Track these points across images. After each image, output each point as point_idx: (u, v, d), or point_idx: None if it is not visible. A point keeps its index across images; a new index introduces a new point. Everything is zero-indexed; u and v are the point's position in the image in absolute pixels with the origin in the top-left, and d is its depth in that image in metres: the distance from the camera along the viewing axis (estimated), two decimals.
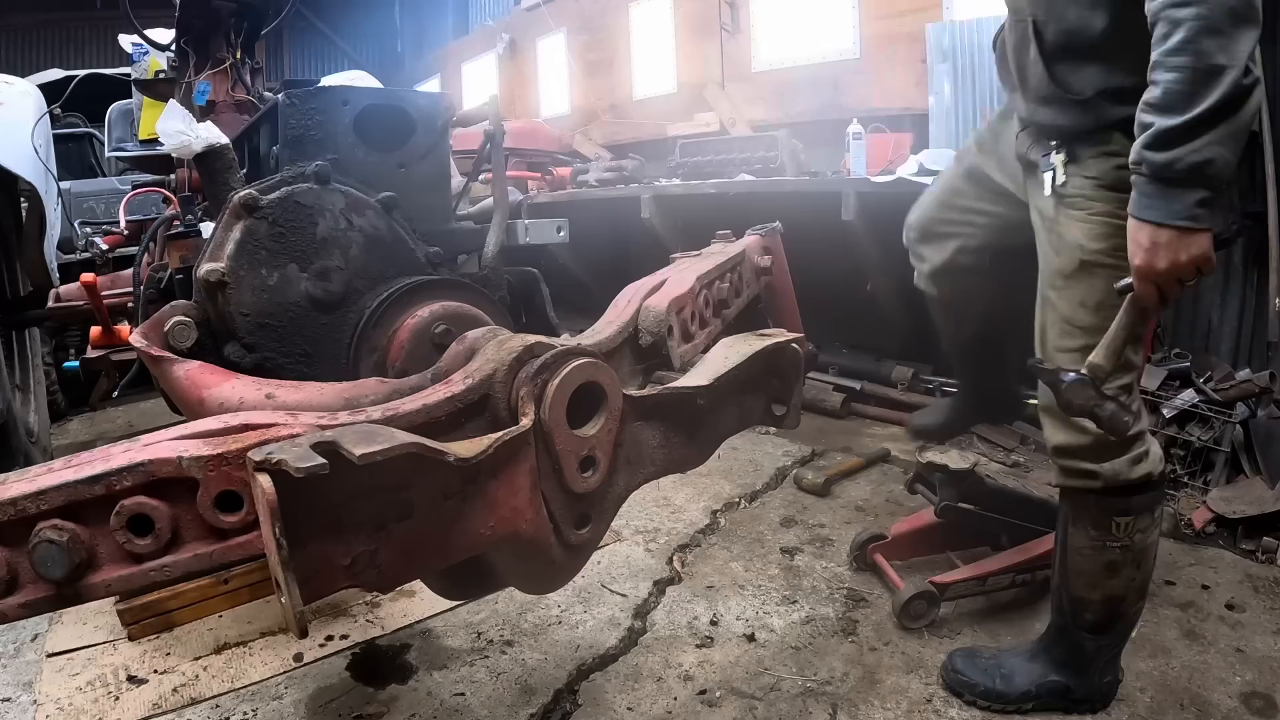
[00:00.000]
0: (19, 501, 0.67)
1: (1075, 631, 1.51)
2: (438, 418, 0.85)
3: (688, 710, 1.59)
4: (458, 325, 1.27)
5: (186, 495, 0.72)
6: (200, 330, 1.26)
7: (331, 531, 0.72)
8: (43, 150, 2.84)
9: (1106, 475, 1.37)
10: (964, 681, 1.58)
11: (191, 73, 2.46)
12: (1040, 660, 1.56)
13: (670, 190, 4.31)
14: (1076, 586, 1.49)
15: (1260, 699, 1.57)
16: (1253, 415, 2.60)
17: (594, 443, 0.91)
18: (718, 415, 1.08)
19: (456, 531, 0.81)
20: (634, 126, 6.30)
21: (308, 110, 1.48)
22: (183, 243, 1.55)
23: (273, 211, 1.29)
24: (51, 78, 5.73)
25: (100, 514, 0.70)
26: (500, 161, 1.73)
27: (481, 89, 8.33)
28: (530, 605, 1.95)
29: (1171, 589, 1.99)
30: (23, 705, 1.66)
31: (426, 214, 1.59)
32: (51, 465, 0.73)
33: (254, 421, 0.78)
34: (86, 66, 6.50)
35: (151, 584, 0.74)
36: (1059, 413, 1.33)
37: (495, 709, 1.61)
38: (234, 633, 1.87)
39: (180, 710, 1.61)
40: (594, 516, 0.96)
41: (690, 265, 1.45)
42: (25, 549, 0.68)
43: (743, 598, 2.00)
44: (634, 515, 2.46)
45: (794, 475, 2.80)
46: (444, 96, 1.67)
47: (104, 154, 5.17)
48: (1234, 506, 2.30)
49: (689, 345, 1.21)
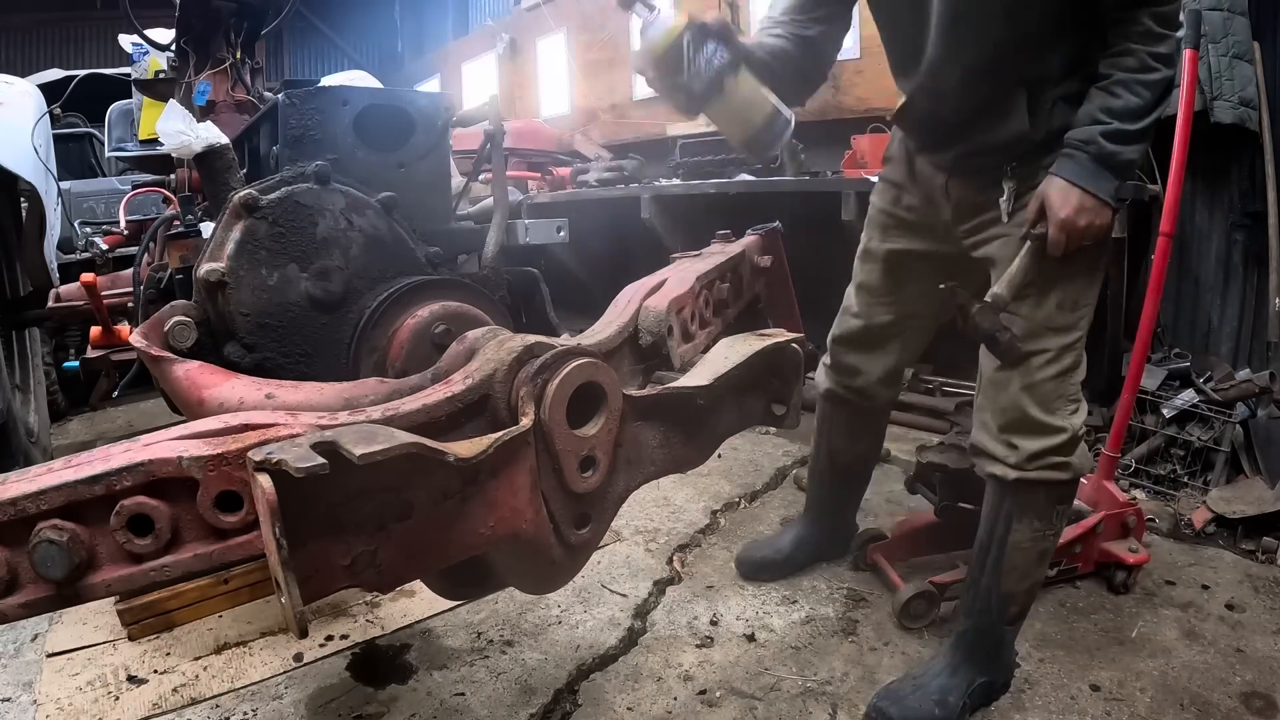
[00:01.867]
0: (19, 501, 0.67)
1: (999, 627, 1.54)
2: (438, 418, 0.85)
3: (688, 710, 1.59)
4: (458, 325, 1.27)
5: (186, 495, 0.72)
6: (200, 330, 1.26)
7: (331, 531, 0.72)
8: (43, 150, 2.84)
9: (1076, 466, 1.45)
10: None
11: (191, 73, 2.46)
12: (964, 669, 1.54)
13: (670, 190, 4.31)
14: (1010, 582, 1.51)
15: (1260, 699, 1.57)
16: (1253, 415, 2.60)
17: (594, 443, 0.91)
18: (718, 415, 1.08)
19: (456, 531, 0.81)
20: (634, 126, 6.30)
21: (308, 110, 1.48)
22: (183, 243, 1.55)
23: (273, 211, 1.29)
24: (51, 78, 5.73)
25: (100, 514, 0.70)
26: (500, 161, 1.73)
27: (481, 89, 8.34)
28: (530, 605, 1.95)
29: (1171, 589, 1.99)
30: (23, 705, 1.65)
31: (426, 214, 1.58)
32: (51, 465, 0.73)
33: (254, 421, 0.78)
34: (86, 66, 6.50)
35: (152, 584, 0.74)
36: (1029, 421, 1.43)
37: (495, 709, 1.60)
38: (234, 633, 1.87)
39: (180, 710, 1.61)
40: (594, 516, 0.96)
41: (690, 265, 1.45)
42: (25, 549, 0.68)
43: (743, 598, 2.00)
44: (634, 515, 2.46)
45: (794, 475, 2.80)
46: (444, 96, 1.67)
47: (104, 154, 5.17)
48: (1234, 506, 2.30)
49: (689, 345, 1.21)
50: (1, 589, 0.68)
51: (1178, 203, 2.12)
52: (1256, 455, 2.51)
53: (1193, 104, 2.18)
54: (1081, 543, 1.94)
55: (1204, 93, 2.75)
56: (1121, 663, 1.68)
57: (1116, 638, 1.78)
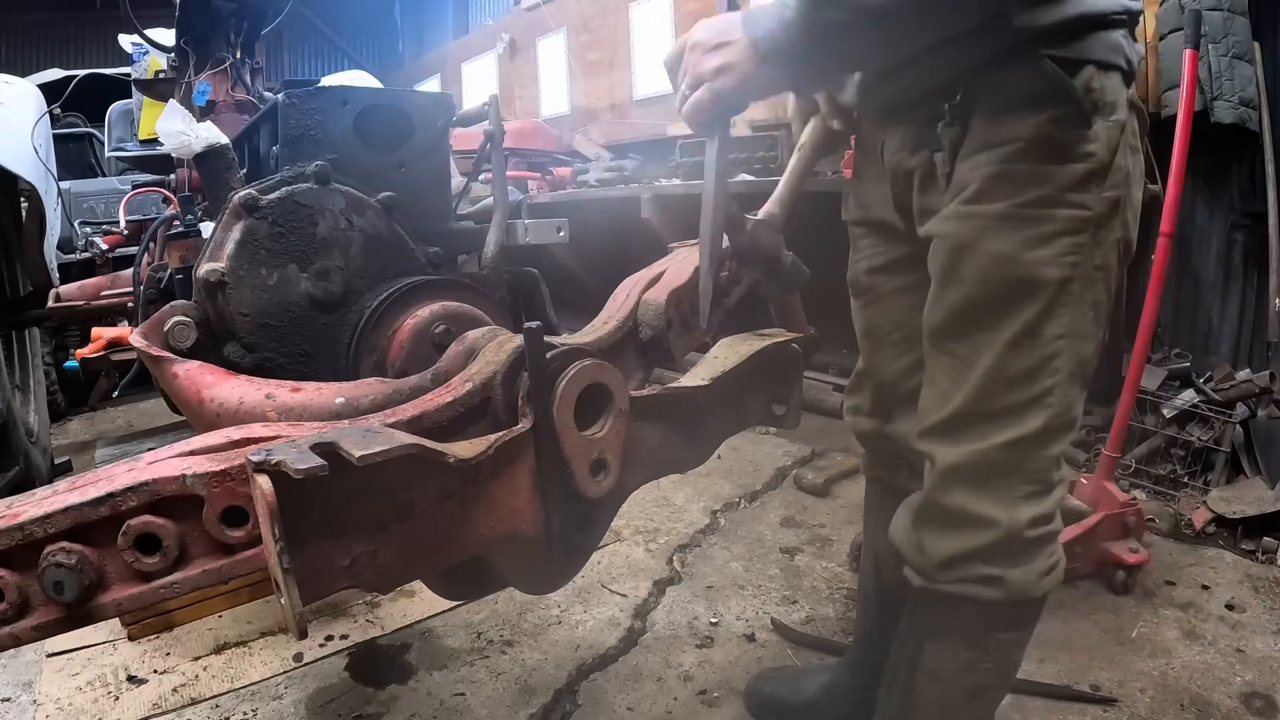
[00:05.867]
0: (26, 526, 0.68)
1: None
2: (440, 423, 0.85)
3: (688, 710, 1.59)
4: (458, 325, 1.27)
5: (192, 512, 0.73)
6: (200, 330, 1.26)
7: (331, 532, 0.72)
8: (43, 150, 2.85)
9: (1013, 585, 0.98)
10: None
11: (191, 73, 2.46)
12: None
13: (670, 190, 4.31)
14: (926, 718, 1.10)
15: (1260, 699, 1.57)
16: (1253, 415, 2.60)
17: (604, 445, 0.90)
18: (717, 415, 1.08)
19: (456, 532, 0.81)
20: (634, 126, 6.30)
21: (308, 110, 1.47)
22: (183, 243, 1.55)
23: (273, 211, 1.29)
24: (51, 78, 5.74)
25: (108, 535, 0.71)
26: (500, 161, 1.72)
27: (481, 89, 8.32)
28: (530, 605, 1.95)
29: (1171, 589, 1.99)
30: (23, 705, 1.66)
31: (426, 214, 1.58)
32: (56, 487, 0.74)
33: (256, 435, 0.78)
34: (86, 66, 6.50)
35: (161, 601, 0.74)
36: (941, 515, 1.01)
37: (495, 709, 1.60)
38: (234, 633, 1.87)
39: (180, 710, 1.61)
40: (594, 517, 0.96)
41: (689, 255, 1.44)
42: (35, 573, 0.68)
43: (743, 598, 2.00)
44: (634, 515, 2.46)
45: (794, 475, 2.79)
46: (444, 96, 1.67)
47: (104, 154, 5.17)
48: (1234, 506, 2.30)
49: (690, 336, 1.20)
50: (13, 613, 0.68)
51: (1178, 203, 2.12)
52: (1256, 455, 2.51)
53: (1193, 104, 2.18)
54: (1081, 543, 1.94)
55: (1204, 93, 2.75)
56: (1121, 663, 1.68)
57: (1116, 638, 1.78)
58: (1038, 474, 0.97)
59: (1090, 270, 0.93)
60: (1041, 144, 0.90)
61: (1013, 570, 0.98)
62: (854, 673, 1.45)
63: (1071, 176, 0.90)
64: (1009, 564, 0.98)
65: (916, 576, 1.05)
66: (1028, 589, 0.99)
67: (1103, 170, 0.91)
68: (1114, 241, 0.95)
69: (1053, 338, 0.94)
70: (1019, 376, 0.94)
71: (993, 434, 0.96)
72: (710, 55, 0.90)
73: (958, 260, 0.95)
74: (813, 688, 1.51)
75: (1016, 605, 1.01)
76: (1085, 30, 0.89)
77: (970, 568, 0.99)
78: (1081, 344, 0.95)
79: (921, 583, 1.04)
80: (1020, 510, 0.96)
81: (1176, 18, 2.83)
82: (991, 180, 0.91)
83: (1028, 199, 0.90)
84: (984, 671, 1.05)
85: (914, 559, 1.05)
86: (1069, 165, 0.90)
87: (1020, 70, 0.89)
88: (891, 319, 1.22)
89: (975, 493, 0.97)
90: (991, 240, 0.92)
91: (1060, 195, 0.90)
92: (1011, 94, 0.90)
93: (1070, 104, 0.89)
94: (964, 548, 0.98)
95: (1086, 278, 0.93)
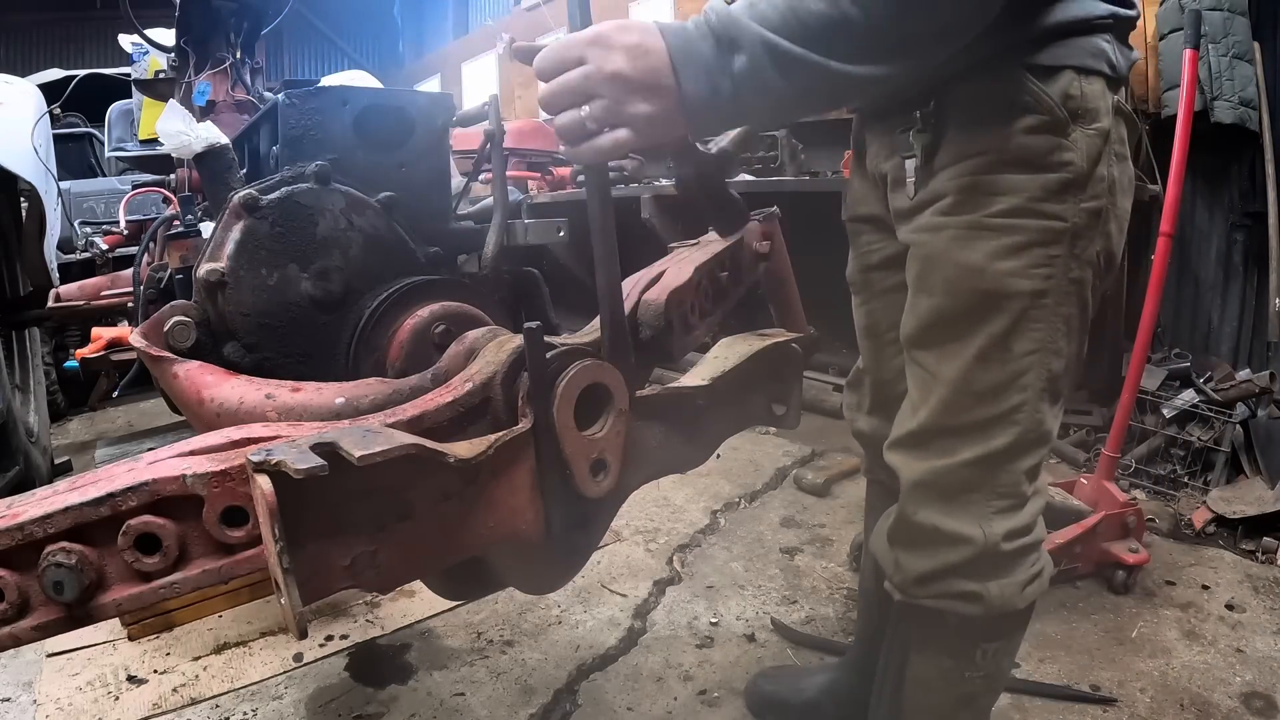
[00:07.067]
0: (26, 526, 0.68)
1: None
2: (439, 423, 0.85)
3: (688, 710, 1.59)
4: (458, 325, 1.27)
5: (192, 512, 0.73)
6: (200, 330, 1.26)
7: (331, 532, 0.72)
8: (43, 150, 2.85)
9: (993, 600, 0.96)
10: None
11: (191, 73, 2.46)
12: None
13: (670, 190, 4.31)
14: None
15: (1260, 699, 1.57)
16: (1253, 415, 2.60)
17: (604, 445, 0.90)
18: (717, 415, 1.08)
19: (456, 532, 0.81)
20: None
21: (308, 110, 1.47)
22: (183, 243, 1.55)
23: (273, 211, 1.29)
24: (51, 78, 5.73)
25: (108, 535, 0.71)
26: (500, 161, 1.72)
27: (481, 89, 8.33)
28: (530, 605, 1.95)
29: (1171, 589, 1.99)
30: (23, 705, 1.66)
31: (426, 214, 1.58)
32: (56, 487, 0.73)
33: (256, 435, 0.78)
34: (86, 66, 6.49)
35: (161, 601, 0.74)
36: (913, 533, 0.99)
37: (495, 709, 1.60)
38: (234, 633, 1.87)
39: (180, 710, 1.61)
40: (594, 517, 0.96)
41: (688, 255, 1.44)
42: (35, 573, 0.68)
43: (743, 598, 2.00)
44: (634, 515, 2.46)
45: (794, 475, 2.79)
46: (444, 96, 1.66)
47: (104, 154, 5.17)
48: (1234, 506, 2.30)
49: (690, 336, 1.20)
50: (14, 613, 0.68)
51: (1178, 203, 2.12)
52: (1256, 455, 2.51)
53: (1193, 104, 2.18)
54: (1081, 543, 1.94)
55: (1204, 93, 2.76)
56: (1121, 663, 1.68)
57: (1116, 638, 1.78)
58: (1008, 489, 0.95)
59: (1065, 283, 0.90)
60: (1014, 154, 0.87)
61: (992, 584, 0.95)
62: (854, 673, 1.45)
63: (1045, 187, 0.87)
64: (988, 578, 0.95)
65: (896, 592, 1.03)
66: (1009, 601, 0.96)
67: (1081, 180, 0.87)
68: (1093, 254, 0.91)
69: (1022, 353, 0.91)
70: (986, 391, 0.92)
71: (959, 450, 0.93)
72: (637, 100, 0.76)
73: (928, 270, 0.94)
74: (813, 688, 1.52)
75: (1000, 617, 0.99)
76: (1063, 36, 0.86)
77: (947, 584, 0.97)
78: (1053, 359, 0.92)
79: (901, 598, 1.03)
80: (994, 525, 0.94)
81: (1176, 18, 2.84)
82: (964, 191, 0.89)
83: (998, 209, 0.88)
84: (972, 680, 1.04)
85: (892, 575, 1.03)
86: (1043, 175, 0.87)
87: (994, 78, 0.87)
88: (889, 316, 1.18)
89: (945, 509, 0.95)
90: (960, 251, 0.90)
91: (1033, 206, 0.87)
92: (985, 103, 0.88)
93: (1044, 112, 0.86)
94: (939, 565, 0.96)
95: (1060, 291, 0.90)
